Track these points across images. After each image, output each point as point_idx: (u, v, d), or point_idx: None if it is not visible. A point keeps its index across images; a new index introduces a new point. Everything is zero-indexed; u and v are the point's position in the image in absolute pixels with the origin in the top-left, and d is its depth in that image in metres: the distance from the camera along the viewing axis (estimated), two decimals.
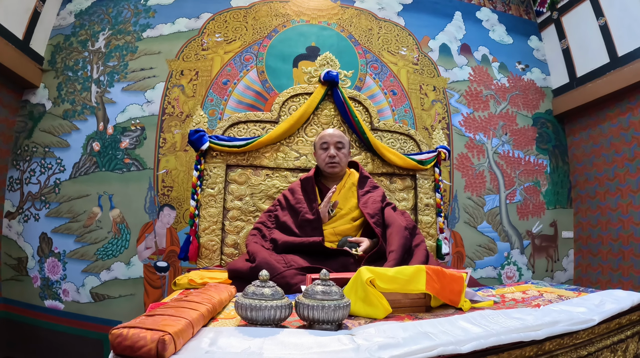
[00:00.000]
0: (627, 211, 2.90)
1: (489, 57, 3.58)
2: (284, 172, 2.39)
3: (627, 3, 2.80)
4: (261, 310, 0.72)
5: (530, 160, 3.57)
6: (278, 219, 1.82)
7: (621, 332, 1.00)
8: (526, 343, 0.79)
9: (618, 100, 2.96)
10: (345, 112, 2.41)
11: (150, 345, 0.59)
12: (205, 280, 1.86)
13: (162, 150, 2.92)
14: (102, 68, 2.91)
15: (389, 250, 1.57)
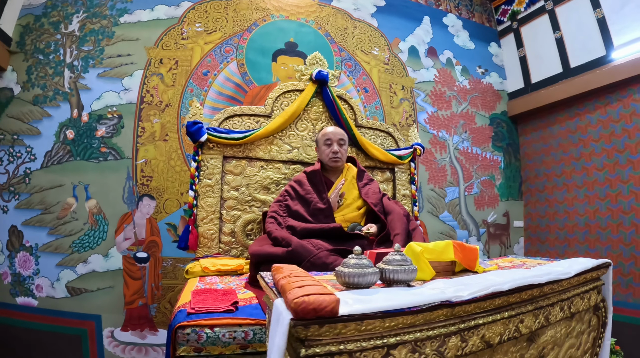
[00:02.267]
0: (572, 204, 3.63)
1: (453, 60, 4.21)
2: (278, 164, 2.72)
3: (582, 20, 3.48)
4: (365, 276, 1.00)
5: (487, 156, 4.27)
6: (290, 208, 2.12)
7: (585, 285, 1.45)
8: (535, 286, 1.21)
9: (568, 106, 3.66)
10: (333, 110, 2.79)
11: (331, 305, 0.79)
12: (217, 267, 2.15)
13: (141, 139, 3.15)
14: (76, 52, 3.06)
15: (394, 233, 1.97)
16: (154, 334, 3.00)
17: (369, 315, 0.87)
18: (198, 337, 1.35)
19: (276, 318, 0.89)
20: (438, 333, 0.99)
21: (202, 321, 1.37)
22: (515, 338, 1.18)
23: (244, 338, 1.40)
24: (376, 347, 0.89)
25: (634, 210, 3.09)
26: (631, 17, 3.01)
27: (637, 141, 3.09)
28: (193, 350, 1.35)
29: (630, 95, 3.12)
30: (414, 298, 0.95)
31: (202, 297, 1.54)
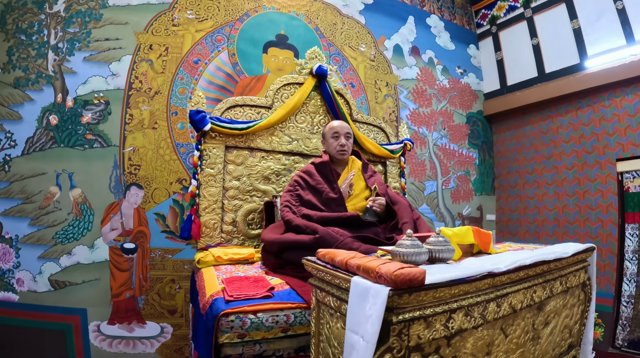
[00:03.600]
0: (542, 199, 3.92)
1: (434, 60, 4.40)
2: (278, 154, 2.76)
3: (559, 29, 3.75)
4: (420, 255, 1.14)
5: (463, 152, 4.52)
6: (301, 198, 2.18)
7: (576, 265, 1.64)
8: (546, 262, 1.39)
9: (541, 108, 3.94)
10: (332, 104, 2.86)
11: (421, 276, 0.95)
12: (229, 256, 2.16)
13: (129, 126, 3.07)
14: (61, 34, 2.93)
15: (402, 222, 2.09)
16: (142, 327, 2.96)
17: (442, 283, 1.03)
18: (242, 323, 1.38)
19: (361, 293, 1.01)
20: (482, 299, 1.17)
21: (246, 307, 1.40)
22: (530, 306, 1.38)
23: (286, 322, 1.45)
24: (443, 312, 1.06)
25: (600, 207, 3.41)
26: (605, 29, 3.31)
27: (605, 144, 3.40)
28: (237, 336, 1.38)
29: (600, 101, 3.43)
30: (465, 271, 1.12)
31: (236, 285, 1.57)
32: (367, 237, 1.83)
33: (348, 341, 1.04)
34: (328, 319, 1.28)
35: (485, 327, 1.20)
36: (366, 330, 0.97)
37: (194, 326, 1.73)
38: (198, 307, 1.71)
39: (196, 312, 1.75)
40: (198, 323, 1.61)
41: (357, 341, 0.99)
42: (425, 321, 1.03)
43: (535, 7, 3.91)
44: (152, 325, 2.99)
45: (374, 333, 0.95)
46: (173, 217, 3.14)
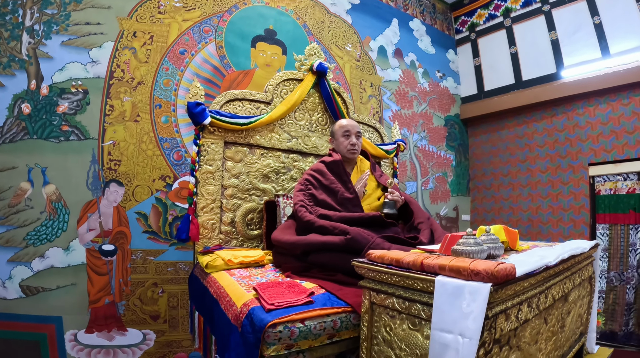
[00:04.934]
0: (517, 201, 4.13)
1: (416, 63, 4.49)
2: (277, 152, 2.68)
3: (537, 40, 3.95)
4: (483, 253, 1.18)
5: (441, 154, 4.65)
6: (315, 197, 2.12)
7: (587, 259, 1.77)
8: (574, 256, 1.49)
9: (517, 114, 4.15)
10: (330, 102, 2.84)
11: (514, 270, 1.00)
12: (240, 259, 2.05)
13: (109, 118, 2.86)
14: (38, 15, 2.66)
15: (418, 221, 2.11)
16: (123, 334, 2.77)
17: (521, 277, 1.09)
18: (291, 332, 1.30)
19: (453, 292, 1.03)
20: (538, 291, 1.26)
21: (293, 315, 1.32)
22: (562, 296, 1.48)
23: (333, 328, 1.39)
24: (517, 304, 1.13)
25: (572, 208, 3.65)
26: (582, 42, 3.55)
27: (578, 149, 3.65)
28: (284, 347, 1.30)
29: (574, 109, 3.67)
30: (529, 265, 1.16)
31: (271, 291, 1.48)
32: (393, 237, 1.82)
33: (438, 341, 1.04)
34: (388, 321, 1.27)
35: (537, 316, 1.28)
36: (467, 327, 0.98)
37: (223, 339, 1.61)
38: (221, 317, 1.61)
39: (220, 323, 1.64)
40: (229, 336, 1.49)
41: (454, 339, 1.00)
42: (504, 314, 1.07)
43: (515, 17, 4.13)
44: (134, 332, 2.81)
45: (477, 330, 0.97)
46: (156, 216, 2.98)
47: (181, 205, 3.07)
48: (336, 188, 2.21)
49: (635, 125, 3.35)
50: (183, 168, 3.11)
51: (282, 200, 2.52)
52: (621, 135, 3.43)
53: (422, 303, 1.15)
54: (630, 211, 3.33)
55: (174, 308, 2.99)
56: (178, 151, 3.10)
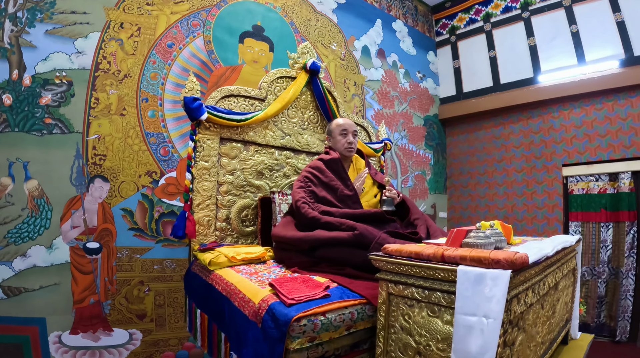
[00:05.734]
0: (493, 199, 4.32)
1: (398, 63, 4.60)
2: (271, 149, 2.70)
3: (515, 45, 4.14)
4: (493, 245, 1.28)
5: (420, 153, 4.78)
6: (316, 194, 2.15)
7: (572, 252, 1.90)
8: (564, 248, 1.61)
9: (494, 115, 4.34)
10: (322, 100, 2.88)
11: (527, 258, 1.11)
12: (242, 256, 2.06)
13: (94, 111, 2.77)
14: (22, 1, 2.51)
15: (414, 217, 2.19)
16: (109, 335, 2.71)
17: (531, 265, 1.23)
18: (314, 325, 1.34)
19: (475, 279, 1.13)
20: (539, 278, 1.39)
21: (316, 309, 1.36)
22: (554, 285, 1.61)
23: (351, 319, 1.44)
24: (526, 289, 1.26)
25: (546, 207, 3.86)
26: (559, 49, 3.76)
27: (553, 150, 3.87)
28: (307, 340, 1.34)
29: (550, 112, 3.89)
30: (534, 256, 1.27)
31: (288, 287, 1.51)
32: (395, 233, 1.89)
33: (462, 324, 1.14)
34: (406, 310, 1.34)
35: (537, 302, 1.41)
36: (490, 309, 1.09)
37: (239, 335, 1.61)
38: (235, 313, 1.62)
39: (234, 319, 1.65)
40: (246, 332, 1.51)
41: (479, 321, 1.11)
42: (517, 298, 1.20)
43: (495, 22, 4.32)
44: (120, 332, 2.75)
45: (500, 311, 1.08)
46: (142, 213, 2.92)
47: (168, 201, 3.03)
48: (336, 185, 2.26)
49: (607, 129, 3.59)
50: (170, 164, 3.07)
51: (278, 196, 2.54)
52: (594, 138, 3.67)
53: (442, 291, 1.25)
54: (602, 210, 3.57)
55: (161, 307, 2.94)
56: (165, 146, 3.05)
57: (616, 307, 3.51)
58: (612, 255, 3.58)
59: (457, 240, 1.50)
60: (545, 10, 3.93)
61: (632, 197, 3.46)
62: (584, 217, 3.64)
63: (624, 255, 3.48)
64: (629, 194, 3.47)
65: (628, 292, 3.45)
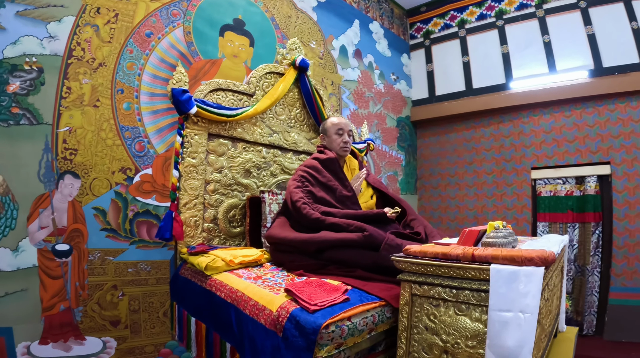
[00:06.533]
0: (463, 200, 4.50)
1: (374, 64, 4.68)
2: (259, 146, 2.65)
3: (489, 52, 4.32)
4: (513, 243, 1.35)
5: (393, 154, 4.89)
6: (314, 194, 2.13)
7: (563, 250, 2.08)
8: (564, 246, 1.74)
9: (466, 119, 4.52)
10: (309, 98, 2.88)
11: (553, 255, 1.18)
12: (240, 259, 2.02)
13: (65, 102, 2.57)
14: None
15: (410, 218, 2.24)
16: (81, 343, 2.53)
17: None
18: (341, 331, 1.32)
19: (509, 276, 1.20)
20: (552, 274, 1.53)
21: (343, 314, 1.35)
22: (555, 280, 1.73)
23: (373, 322, 1.44)
24: (547, 284, 1.37)
25: (515, 208, 4.08)
26: (531, 57, 3.99)
27: (522, 154, 4.10)
28: (334, 347, 1.32)
29: (520, 118, 4.12)
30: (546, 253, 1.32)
31: (306, 292, 1.47)
32: (400, 233, 1.92)
33: (497, 320, 1.19)
34: (431, 310, 1.38)
35: (544, 294, 1.48)
36: (527, 304, 1.16)
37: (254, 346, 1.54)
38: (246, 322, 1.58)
39: (245, 329, 1.59)
40: (263, 341, 1.46)
41: (515, 316, 1.16)
42: (542, 293, 1.27)
43: (469, 29, 4.51)
44: (93, 341, 2.58)
45: (536, 306, 1.15)
46: (115, 212, 2.76)
47: (143, 200, 2.89)
48: (334, 185, 2.25)
49: (575, 135, 3.87)
50: (145, 160, 2.92)
51: (268, 196, 2.49)
52: (562, 143, 3.93)
53: (471, 290, 1.29)
54: (569, 211, 3.84)
55: (136, 312, 2.79)
56: (140, 141, 2.91)
57: (582, 302, 3.79)
58: (578, 253, 3.85)
59: (470, 239, 1.57)
60: (519, 20, 4.17)
61: (598, 200, 3.76)
62: (552, 218, 3.90)
63: (589, 253, 3.77)
64: (594, 197, 3.77)
65: (594, 288, 3.74)
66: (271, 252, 2.18)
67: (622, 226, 3.63)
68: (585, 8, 3.85)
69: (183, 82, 2.31)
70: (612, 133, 3.74)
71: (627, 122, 3.65)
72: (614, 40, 3.71)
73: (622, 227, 3.63)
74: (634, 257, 3.54)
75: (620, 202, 3.67)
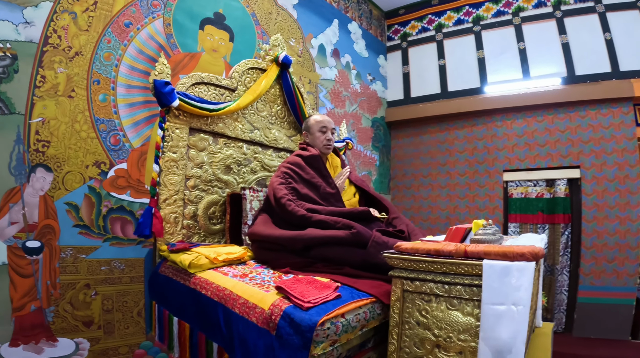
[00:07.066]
0: (435, 200, 4.65)
1: (351, 64, 4.76)
2: (239, 143, 2.66)
3: (465, 56, 4.48)
4: (500, 240, 1.40)
5: (367, 154, 4.99)
6: (298, 191, 2.15)
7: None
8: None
9: (440, 121, 4.67)
10: (291, 95, 2.92)
11: (542, 251, 1.21)
12: (223, 257, 2.02)
13: (39, 91, 2.48)
14: None
15: (392, 216, 2.30)
16: (53, 345, 2.45)
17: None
18: (336, 328, 1.35)
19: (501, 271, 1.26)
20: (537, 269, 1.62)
21: (337, 311, 1.38)
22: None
23: (364, 319, 1.49)
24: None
25: (487, 208, 4.26)
26: (505, 63, 4.18)
27: (495, 157, 4.28)
28: (329, 344, 1.34)
29: (493, 121, 4.30)
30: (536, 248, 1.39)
31: (298, 289, 1.49)
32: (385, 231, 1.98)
33: (490, 313, 1.26)
34: (423, 306, 1.44)
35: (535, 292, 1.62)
36: (519, 298, 1.22)
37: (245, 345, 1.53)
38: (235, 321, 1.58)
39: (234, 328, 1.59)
40: (256, 340, 1.47)
41: (508, 310, 1.23)
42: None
43: (447, 33, 4.67)
44: (65, 342, 2.50)
45: (528, 298, 1.21)
46: (88, 208, 2.68)
47: (117, 195, 2.83)
48: (317, 183, 2.29)
49: (547, 140, 4.09)
50: (120, 154, 2.86)
51: (249, 193, 2.50)
52: (534, 147, 4.15)
53: (463, 285, 1.36)
54: (539, 212, 4.06)
55: (109, 312, 2.73)
56: (115, 135, 2.84)
57: (552, 300, 4.01)
58: (548, 253, 4.08)
59: (457, 236, 1.65)
60: (496, 26, 4.37)
61: (567, 202, 4.00)
62: (522, 219, 4.11)
63: (559, 253, 4.01)
64: (564, 199, 4.00)
65: (563, 287, 3.97)
66: (255, 249, 2.18)
67: (590, 227, 3.87)
68: (560, 18, 4.09)
69: (165, 73, 2.29)
70: (582, 138, 3.98)
71: (597, 129, 3.90)
72: (587, 50, 3.97)
73: (590, 228, 3.88)
74: (601, 257, 3.78)
75: (589, 205, 3.91)
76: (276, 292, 1.55)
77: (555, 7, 4.16)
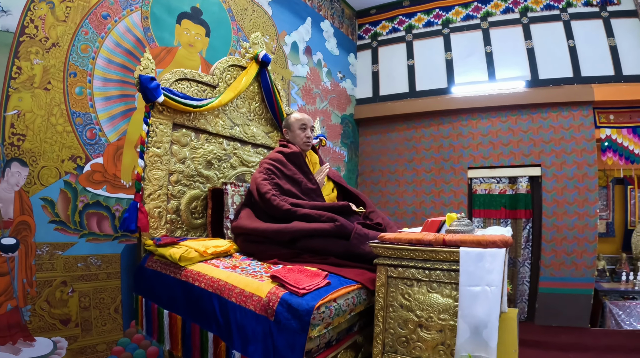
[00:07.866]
0: (402, 196, 4.89)
1: (322, 62, 4.89)
2: (220, 139, 2.73)
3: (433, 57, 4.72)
4: (475, 231, 1.56)
5: (337, 150, 5.15)
6: (281, 187, 2.25)
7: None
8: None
9: (408, 119, 4.91)
10: (269, 93, 3.02)
11: (511, 239, 1.38)
12: (212, 250, 2.11)
13: (15, 83, 2.42)
14: None
15: (369, 210, 2.47)
16: (30, 345, 2.43)
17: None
18: (330, 311, 1.48)
19: (476, 257, 1.45)
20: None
21: (330, 296, 1.52)
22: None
23: (353, 303, 1.64)
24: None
25: (452, 204, 4.54)
26: (472, 65, 4.46)
27: (460, 155, 4.57)
28: (324, 327, 1.48)
29: (459, 121, 4.58)
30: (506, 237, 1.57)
31: (292, 277, 1.59)
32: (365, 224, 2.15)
33: (467, 294, 1.46)
34: (406, 290, 1.63)
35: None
36: (492, 279, 1.42)
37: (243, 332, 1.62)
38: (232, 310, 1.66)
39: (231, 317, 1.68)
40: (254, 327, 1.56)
41: (482, 290, 1.43)
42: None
43: (416, 34, 4.91)
44: (43, 341, 2.47)
45: (500, 280, 1.42)
46: (64, 203, 2.66)
47: (93, 190, 2.81)
48: (299, 178, 2.42)
49: (510, 139, 4.42)
50: (96, 148, 2.84)
51: (231, 188, 2.58)
52: (497, 146, 4.47)
53: (442, 270, 1.56)
54: (502, 208, 4.40)
55: (86, 310, 2.72)
56: (92, 129, 2.82)
57: (515, 291, 4.36)
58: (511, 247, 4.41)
59: (433, 227, 1.85)
60: (464, 30, 4.65)
61: (529, 198, 4.36)
62: (486, 214, 4.43)
63: (520, 247, 4.36)
64: (525, 195, 4.36)
65: (525, 278, 4.32)
66: (240, 242, 2.27)
67: (550, 222, 4.24)
68: (527, 24, 4.43)
69: (150, 69, 2.31)
70: (544, 139, 4.33)
71: (558, 130, 4.27)
72: (551, 55, 4.33)
73: (550, 223, 4.24)
74: (561, 250, 4.15)
75: (549, 201, 4.27)
76: (271, 280, 1.65)
77: (522, 14, 4.50)
